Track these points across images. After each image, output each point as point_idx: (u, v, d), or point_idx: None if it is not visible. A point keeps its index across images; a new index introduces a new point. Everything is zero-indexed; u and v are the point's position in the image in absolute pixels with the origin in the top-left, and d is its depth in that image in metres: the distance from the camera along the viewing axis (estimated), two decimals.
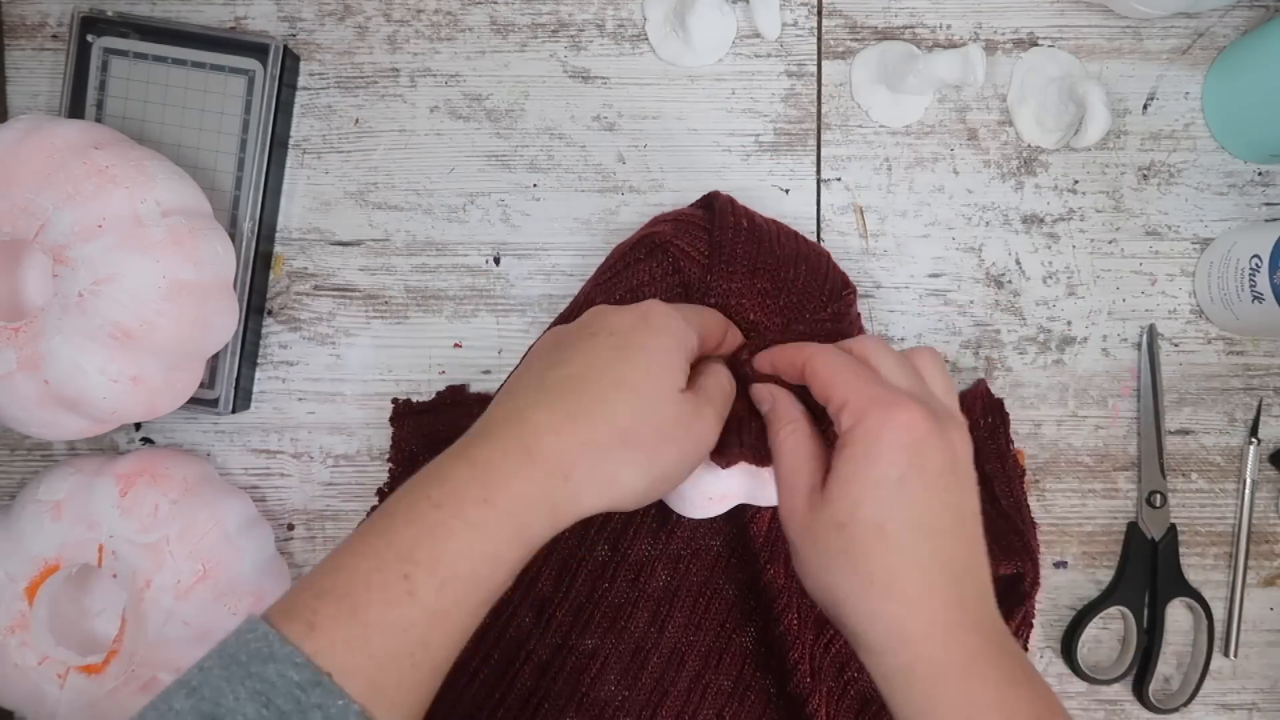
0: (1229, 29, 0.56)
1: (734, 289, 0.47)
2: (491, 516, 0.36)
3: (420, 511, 0.35)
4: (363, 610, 0.33)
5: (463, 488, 0.36)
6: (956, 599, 0.37)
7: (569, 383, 0.38)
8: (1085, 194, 0.56)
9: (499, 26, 0.57)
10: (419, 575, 0.34)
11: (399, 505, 0.36)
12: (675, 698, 0.52)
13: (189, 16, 0.56)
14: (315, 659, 0.32)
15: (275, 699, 0.31)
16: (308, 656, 0.32)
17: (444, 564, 0.35)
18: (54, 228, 0.45)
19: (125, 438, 0.56)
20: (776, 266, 0.48)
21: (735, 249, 0.48)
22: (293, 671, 0.31)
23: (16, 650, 0.48)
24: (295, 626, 0.33)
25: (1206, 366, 0.56)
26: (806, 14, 0.57)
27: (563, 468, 0.37)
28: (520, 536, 0.36)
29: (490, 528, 0.36)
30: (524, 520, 0.36)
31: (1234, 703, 0.56)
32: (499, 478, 0.36)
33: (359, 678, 0.32)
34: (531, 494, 0.36)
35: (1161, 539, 0.55)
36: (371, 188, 0.57)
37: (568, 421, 0.37)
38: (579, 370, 0.39)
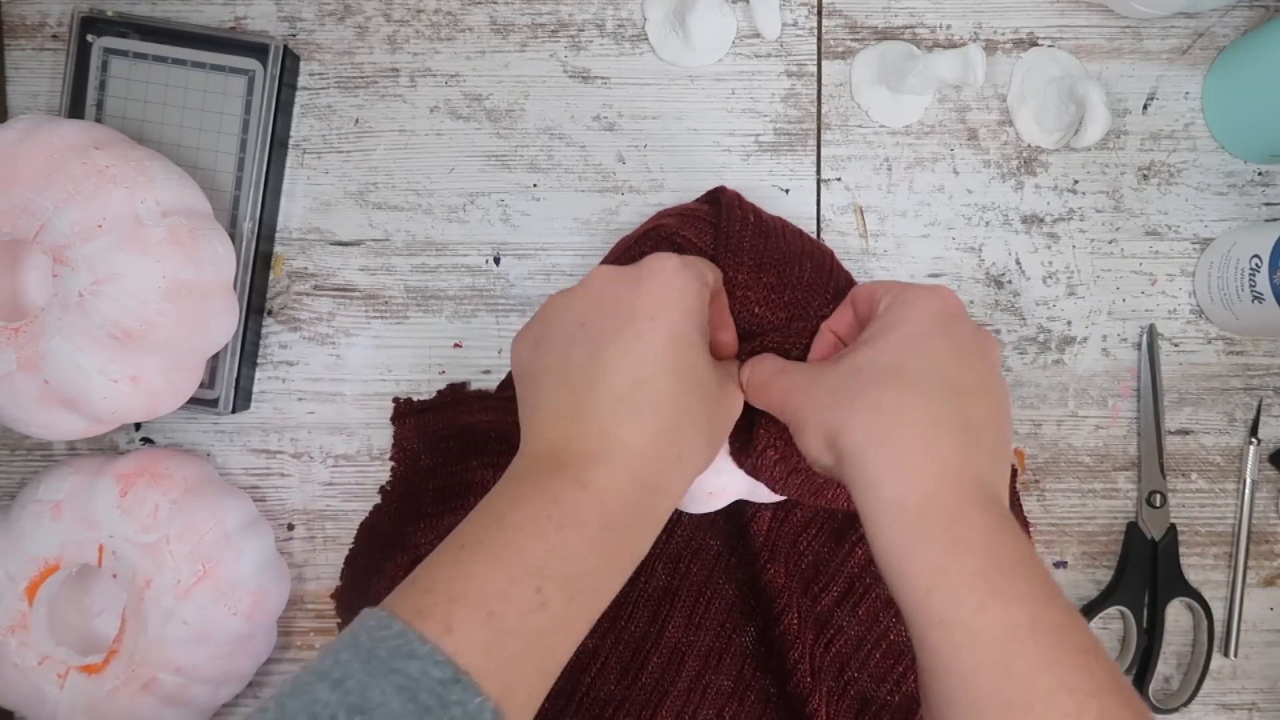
0: (1229, 29, 0.56)
1: (740, 280, 0.47)
2: (612, 540, 0.38)
3: (545, 530, 0.37)
4: (498, 617, 0.35)
5: (583, 512, 0.38)
6: (959, 448, 0.38)
7: (640, 390, 0.39)
8: (1085, 194, 0.56)
9: (499, 26, 0.57)
10: (550, 589, 0.36)
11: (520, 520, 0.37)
12: (675, 697, 0.52)
13: (189, 16, 0.56)
14: (454, 658, 0.33)
15: (419, 695, 0.32)
16: (448, 656, 0.33)
17: (573, 581, 0.37)
18: (54, 228, 0.45)
19: (125, 438, 0.56)
20: (783, 262, 0.48)
21: (742, 242, 0.48)
22: (435, 669, 0.33)
23: (16, 650, 0.48)
24: (432, 627, 0.34)
25: (1206, 366, 0.56)
26: (806, 14, 0.57)
27: (663, 486, 0.40)
28: (633, 553, 0.40)
29: (610, 549, 0.38)
30: (636, 538, 0.39)
31: (1234, 703, 0.56)
32: (613, 504, 0.38)
33: (494, 679, 0.34)
34: (641, 514, 0.39)
35: (1161, 539, 0.55)
36: (371, 188, 0.57)
37: (660, 438, 0.39)
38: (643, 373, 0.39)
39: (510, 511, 0.38)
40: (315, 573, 0.56)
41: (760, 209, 0.51)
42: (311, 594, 0.56)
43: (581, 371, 0.40)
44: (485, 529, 0.37)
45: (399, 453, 0.56)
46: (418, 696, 0.32)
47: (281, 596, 0.53)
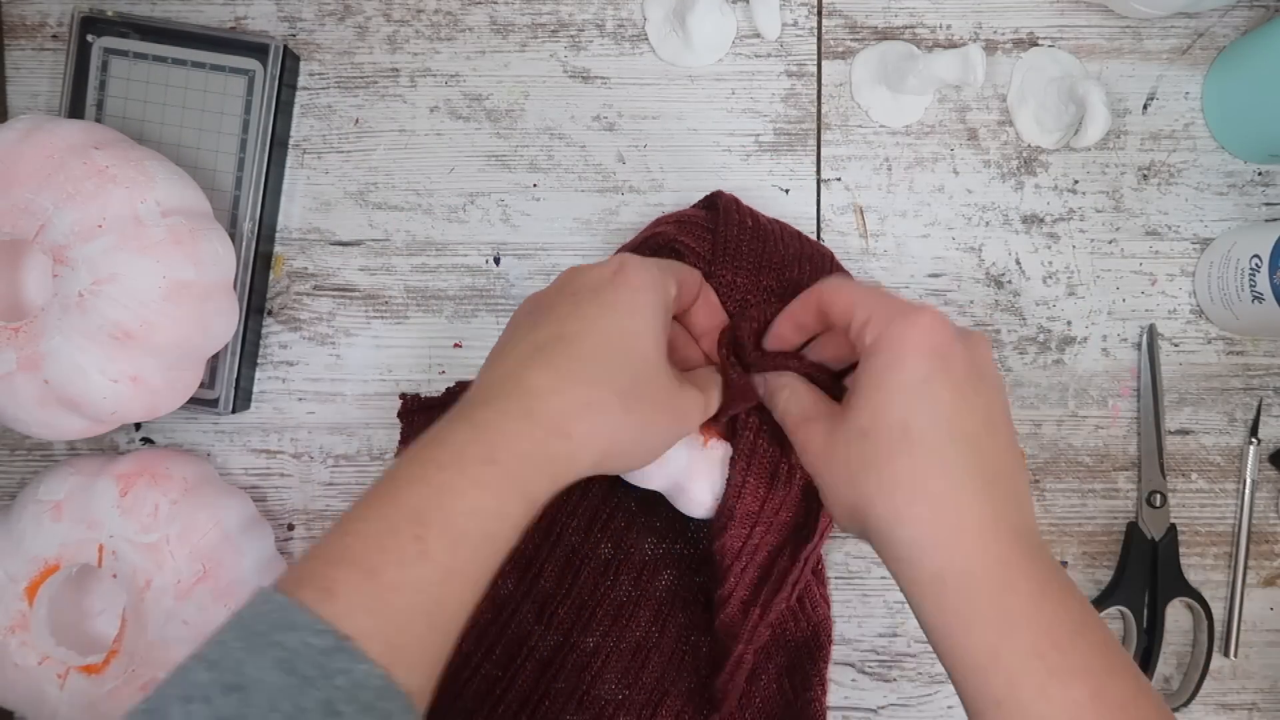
0: (1229, 29, 0.56)
1: (739, 284, 0.47)
2: (497, 475, 0.36)
3: (426, 474, 0.36)
4: (378, 573, 0.33)
5: (466, 449, 0.36)
6: (987, 503, 0.37)
7: (560, 343, 0.39)
8: (1085, 194, 0.56)
9: (499, 26, 0.57)
10: (431, 536, 0.34)
11: (402, 469, 0.36)
12: (676, 698, 0.52)
13: (189, 16, 0.56)
14: (335, 624, 0.32)
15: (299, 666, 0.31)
16: (328, 623, 0.32)
17: (455, 523, 0.35)
18: (54, 228, 0.45)
19: (125, 438, 0.56)
20: (781, 265, 0.48)
21: (740, 246, 0.48)
22: (315, 638, 0.31)
23: (16, 650, 0.48)
24: (311, 594, 0.33)
25: (1206, 366, 0.56)
26: (806, 14, 0.57)
27: (564, 427, 0.37)
28: (525, 494, 0.37)
29: (496, 486, 0.36)
30: (528, 478, 0.37)
31: (1234, 703, 0.56)
32: (501, 438, 0.37)
33: (378, 640, 0.32)
34: (534, 453, 0.37)
35: (1161, 539, 0.55)
36: (371, 188, 0.57)
37: (567, 382, 0.38)
38: (570, 331, 0.39)
39: (399, 464, 0.37)
40: None
41: (758, 212, 0.51)
42: None
43: (519, 332, 0.41)
44: (375, 485, 0.36)
45: (404, 448, 0.56)
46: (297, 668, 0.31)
47: None
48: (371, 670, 0.32)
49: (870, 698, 0.56)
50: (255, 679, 0.31)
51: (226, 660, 0.31)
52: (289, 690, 0.30)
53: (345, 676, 0.31)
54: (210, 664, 0.31)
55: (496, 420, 0.37)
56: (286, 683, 0.30)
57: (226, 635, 0.32)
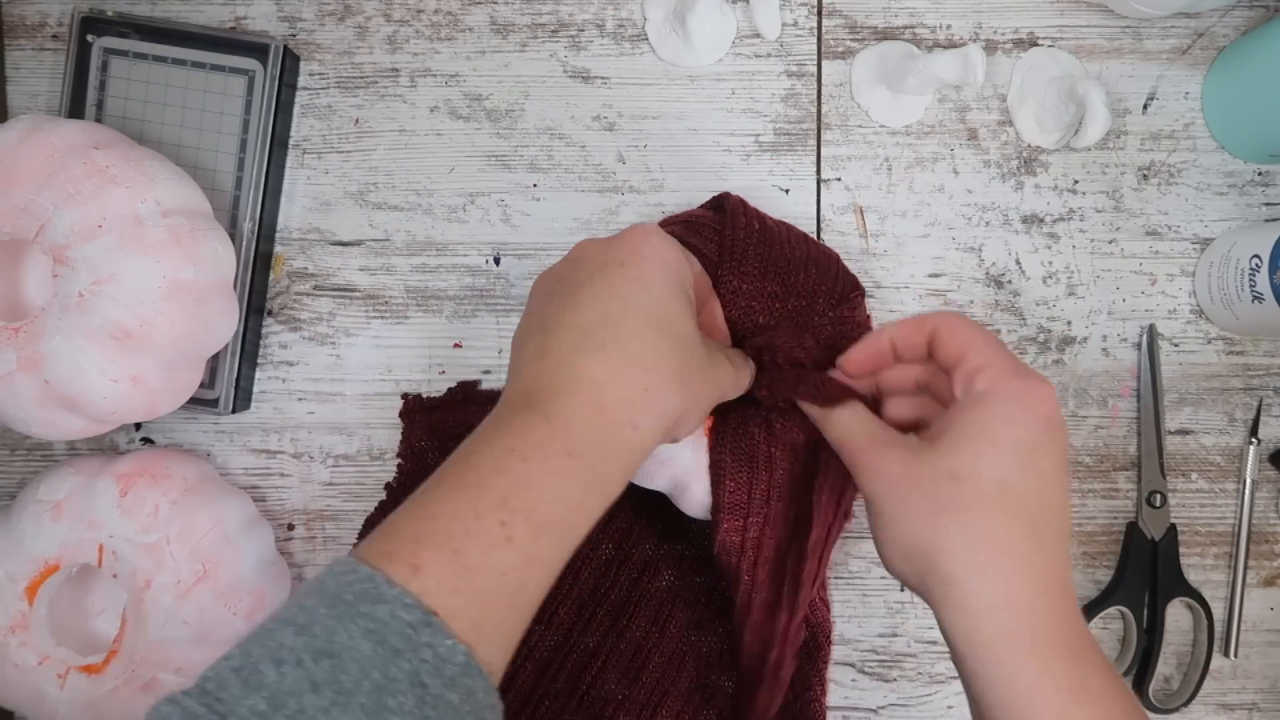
0: (1229, 29, 0.56)
1: (744, 289, 0.47)
2: (577, 469, 0.37)
3: (508, 464, 0.37)
4: (464, 554, 0.34)
5: (546, 443, 0.37)
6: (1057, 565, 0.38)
7: (606, 325, 0.39)
8: (1085, 194, 0.56)
9: (499, 26, 0.57)
10: (516, 522, 0.35)
11: (483, 458, 0.37)
12: (675, 698, 0.52)
13: (189, 16, 0.56)
14: (422, 600, 0.33)
15: (388, 637, 0.32)
16: (416, 597, 0.33)
17: (539, 512, 0.36)
18: (54, 228, 0.45)
19: (125, 438, 0.56)
20: (786, 270, 0.48)
21: (747, 250, 0.48)
22: (403, 612, 0.32)
23: (16, 650, 0.48)
24: (399, 569, 0.34)
25: (1206, 366, 0.56)
26: (806, 14, 0.57)
27: (631, 417, 0.38)
28: (601, 485, 0.38)
29: (576, 479, 0.37)
30: (604, 470, 0.38)
31: (1234, 703, 0.56)
32: (577, 433, 0.37)
33: (463, 618, 0.33)
34: (608, 446, 0.38)
35: (1161, 539, 0.55)
36: (371, 188, 0.57)
37: (625, 370, 0.39)
38: (611, 311, 0.39)
39: (475, 452, 0.37)
40: (315, 573, 0.56)
41: (765, 215, 0.51)
42: None
43: (554, 317, 0.40)
44: (450, 471, 0.37)
45: (406, 449, 0.56)
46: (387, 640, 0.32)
47: (281, 596, 0.53)
48: (456, 647, 0.33)
49: (870, 698, 0.56)
50: (346, 646, 0.31)
51: (315, 626, 0.32)
52: (378, 660, 0.31)
53: (431, 650, 0.32)
54: (299, 629, 0.32)
55: (570, 415, 0.38)
56: (376, 652, 0.31)
57: (310, 600, 0.33)
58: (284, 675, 0.31)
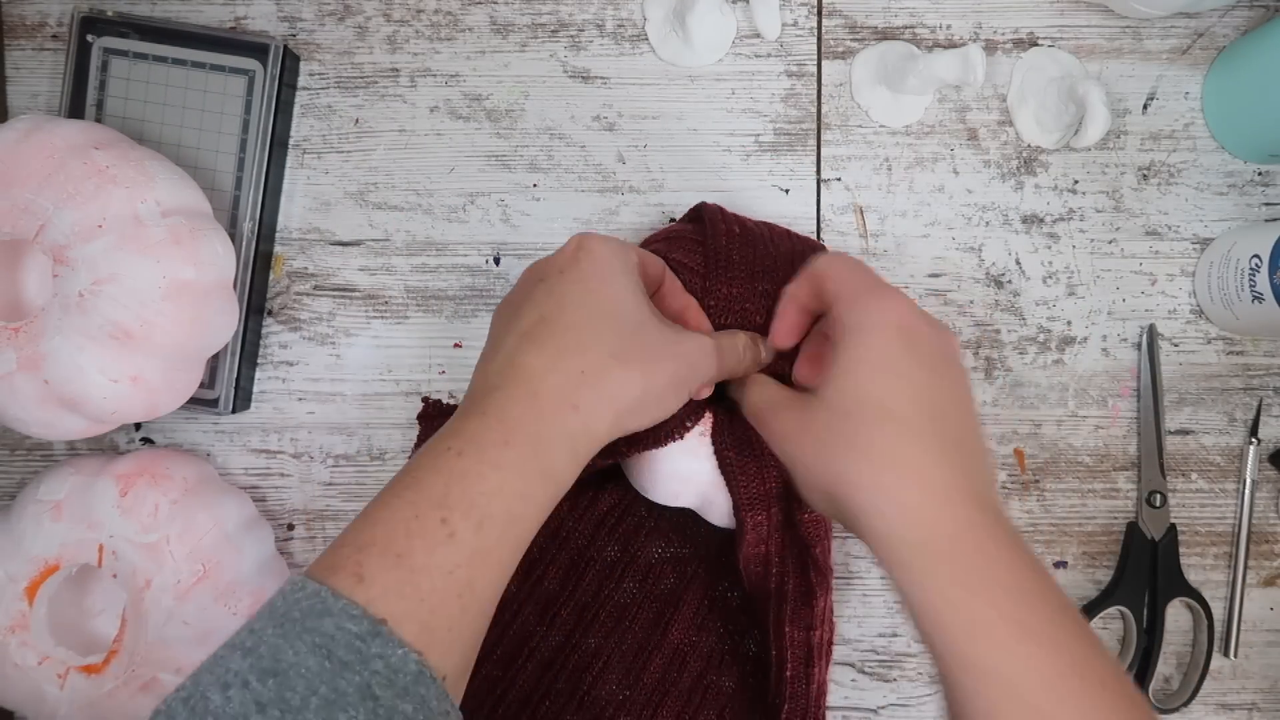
0: (1229, 29, 0.56)
1: (735, 294, 0.47)
2: (514, 457, 0.37)
3: (445, 462, 0.37)
4: (407, 556, 0.34)
5: (480, 436, 0.37)
6: (960, 474, 0.38)
7: (544, 324, 0.40)
8: (1085, 194, 0.56)
9: (499, 26, 0.57)
10: (455, 518, 0.35)
11: (421, 460, 0.37)
12: (676, 698, 0.52)
13: (189, 16, 0.56)
14: (368, 608, 0.32)
15: (336, 651, 0.31)
16: (361, 607, 0.32)
17: (478, 505, 0.36)
18: (54, 228, 0.45)
19: (125, 438, 0.56)
20: (774, 267, 0.48)
21: (730, 255, 0.48)
22: (350, 624, 0.32)
23: (16, 650, 0.48)
24: (343, 580, 0.33)
25: (1206, 366, 0.56)
26: (806, 14, 0.57)
27: (570, 400, 0.38)
28: (547, 472, 0.38)
29: (515, 467, 0.37)
30: (546, 456, 0.38)
31: (1234, 703, 0.56)
32: (512, 422, 0.38)
33: (411, 622, 0.33)
34: (546, 431, 0.38)
35: (1161, 539, 0.55)
36: (371, 188, 0.57)
37: (559, 357, 0.39)
38: (549, 311, 0.40)
39: (416, 458, 0.38)
40: None
41: (744, 217, 0.51)
42: None
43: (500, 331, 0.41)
44: (394, 479, 0.37)
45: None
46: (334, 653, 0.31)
47: None
48: (407, 654, 0.32)
49: (870, 698, 0.56)
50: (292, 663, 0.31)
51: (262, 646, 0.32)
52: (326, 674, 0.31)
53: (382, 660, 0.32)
54: (246, 651, 0.32)
55: (505, 406, 0.38)
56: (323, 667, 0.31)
57: (259, 623, 0.33)
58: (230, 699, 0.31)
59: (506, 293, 0.56)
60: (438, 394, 0.56)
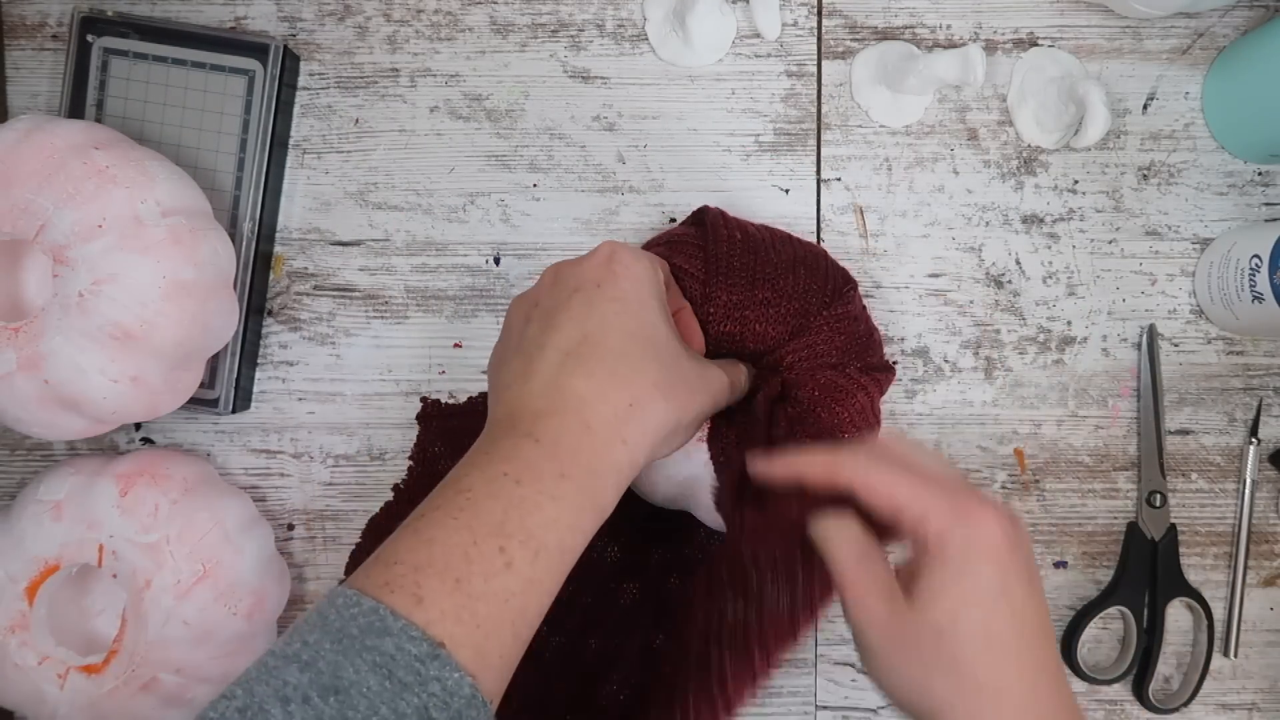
0: (1229, 29, 0.56)
1: (735, 301, 0.47)
2: (571, 490, 0.37)
3: (502, 488, 0.37)
4: (465, 582, 0.34)
5: (537, 464, 0.37)
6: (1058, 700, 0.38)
7: (589, 346, 0.39)
8: (1085, 194, 0.56)
9: (499, 26, 0.57)
10: (513, 547, 0.35)
11: (475, 482, 0.37)
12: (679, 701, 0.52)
13: (189, 16, 0.56)
14: (428, 630, 0.33)
15: (397, 671, 0.32)
16: (421, 629, 0.33)
17: (535, 536, 0.36)
18: (54, 228, 0.45)
19: (125, 438, 0.56)
20: (775, 275, 0.48)
21: (732, 262, 0.48)
22: (410, 644, 0.32)
23: (16, 650, 0.48)
24: (402, 600, 0.33)
25: (1206, 366, 0.56)
26: (806, 14, 0.57)
27: (620, 434, 0.39)
28: (595, 503, 0.38)
29: (570, 500, 0.37)
30: (597, 488, 0.38)
31: (1234, 703, 0.56)
32: (568, 453, 0.38)
33: (467, 647, 0.33)
34: (599, 464, 0.38)
35: (1161, 539, 0.55)
36: (371, 188, 0.57)
37: (609, 387, 0.39)
38: (591, 331, 0.40)
39: (466, 476, 0.37)
40: (315, 573, 0.56)
41: (746, 223, 0.51)
42: (312, 594, 0.56)
43: (534, 340, 0.41)
44: (444, 496, 0.37)
45: (419, 453, 0.56)
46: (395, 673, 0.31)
47: (281, 596, 0.53)
48: (463, 679, 0.33)
49: (870, 698, 0.56)
50: (353, 681, 0.31)
51: (320, 661, 0.32)
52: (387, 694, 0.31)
53: (439, 684, 0.32)
54: (304, 665, 0.32)
55: (559, 435, 0.38)
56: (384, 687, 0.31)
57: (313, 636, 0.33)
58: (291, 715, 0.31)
59: (505, 290, 0.56)
60: (438, 394, 0.56)
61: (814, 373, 0.48)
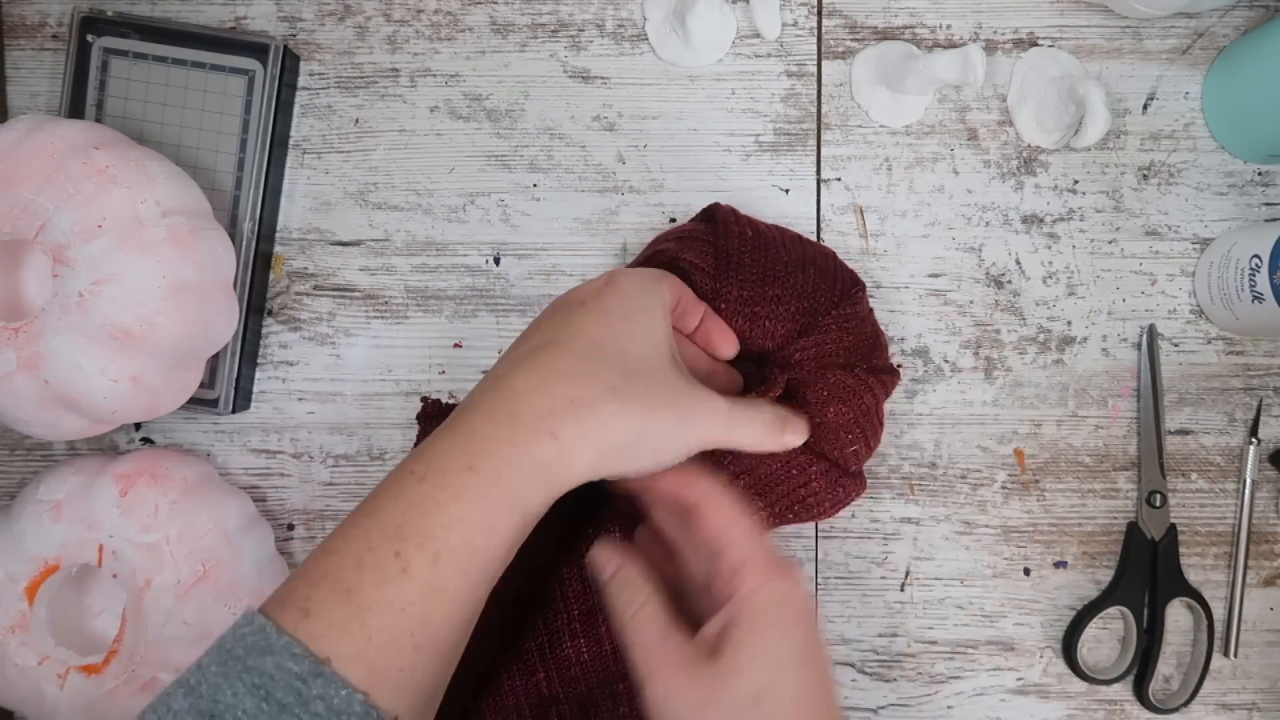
0: (1229, 29, 0.56)
1: (746, 297, 0.47)
2: (478, 483, 0.35)
3: (405, 487, 0.35)
4: (356, 592, 0.32)
5: (446, 458, 0.35)
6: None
7: (547, 348, 0.38)
8: (1085, 194, 0.56)
9: (499, 26, 0.57)
10: (410, 551, 0.33)
11: (384, 484, 0.36)
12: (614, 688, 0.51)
13: (189, 16, 0.56)
14: (311, 645, 0.31)
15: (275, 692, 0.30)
16: (304, 644, 0.31)
17: (435, 537, 0.34)
18: (54, 228, 0.45)
19: (125, 438, 0.56)
20: (785, 273, 0.48)
21: (743, 258, 0.48)
22: (291, 663, 0.31)
23: (16, 650, 0.48)
24: (290, 615, 0.32)
25: (1206, 366, 0.56)
26: (806, 14, 0.57)
27: (549, 426, 0.35)
28: (513, 502, 0.35)
29: (478, 495, 0.35)
30: (514, 484, 0.35)
31: (1234, 703, 0.56)
32: (481, 443, 0.35)
33: (358, 662, 0.31)
34: (518, 457, 0.35)
35: (1161, 539, 0.55)
36: (371, 188, 0.57)
37: (549, 380, 0.36)
38: (558, 336, 0.38)
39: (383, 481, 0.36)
40: None
41: (757, 220, 0.51)
42: None
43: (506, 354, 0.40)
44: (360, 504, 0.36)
45: None
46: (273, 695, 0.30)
47: None
48: (352, 695, 0.31)
49: (870, 698, 0.56)
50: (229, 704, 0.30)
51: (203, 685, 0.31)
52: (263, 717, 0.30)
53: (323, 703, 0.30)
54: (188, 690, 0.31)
55: (478, 425, 0.36)
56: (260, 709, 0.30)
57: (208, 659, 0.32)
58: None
59: (505, 290, 0.56)
60: (438, 394, 0.56)
61: (822, 372, 0.48)
